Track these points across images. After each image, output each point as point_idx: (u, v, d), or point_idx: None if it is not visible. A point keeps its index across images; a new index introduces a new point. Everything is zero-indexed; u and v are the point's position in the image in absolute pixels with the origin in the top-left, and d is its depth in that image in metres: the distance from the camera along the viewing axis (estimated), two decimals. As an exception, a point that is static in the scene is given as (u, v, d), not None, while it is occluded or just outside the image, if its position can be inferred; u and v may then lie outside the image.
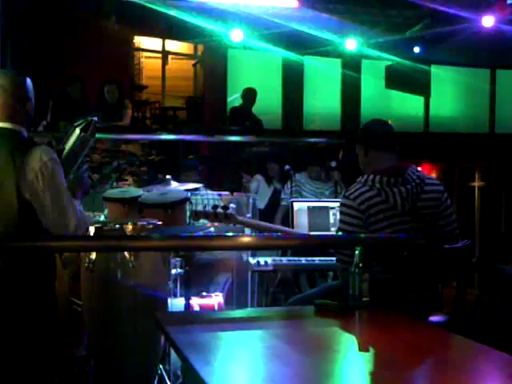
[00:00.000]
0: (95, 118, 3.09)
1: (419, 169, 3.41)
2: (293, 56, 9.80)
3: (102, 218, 4.34)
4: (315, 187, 5.80)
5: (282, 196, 6.05)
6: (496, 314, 4.14)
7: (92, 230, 3.37)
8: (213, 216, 3.71)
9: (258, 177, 6.65)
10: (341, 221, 3.29)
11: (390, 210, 3.19)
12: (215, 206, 3.67)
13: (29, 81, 2.94)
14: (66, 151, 3.03)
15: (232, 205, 4.75)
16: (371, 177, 3.24)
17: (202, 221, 5.10)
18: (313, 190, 5.77)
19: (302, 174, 5.89)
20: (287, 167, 6.03)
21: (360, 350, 2.31)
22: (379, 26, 8.80)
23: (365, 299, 2.66)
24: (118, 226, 3.43)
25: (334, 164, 5.64)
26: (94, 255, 3.33)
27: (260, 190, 6.41)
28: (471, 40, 8.95)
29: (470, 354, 2.21)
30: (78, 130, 3.04)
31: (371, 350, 2.24)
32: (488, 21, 8.05)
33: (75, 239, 2.90)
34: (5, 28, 6.55)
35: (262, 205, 6.18)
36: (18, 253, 2.79)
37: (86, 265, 3.33)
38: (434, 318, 3.20)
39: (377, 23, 8.81)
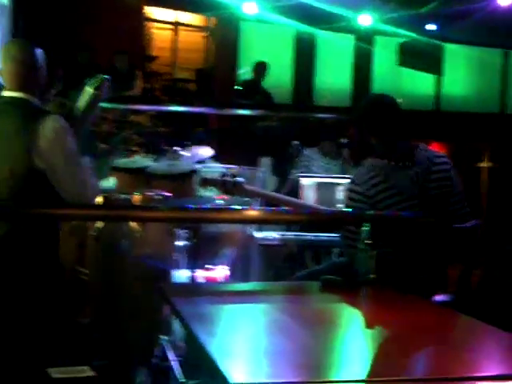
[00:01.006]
0: (107, 76, 3.08)
1: (426, 146, 3.34)
2: (305, 30, 9.71)
3: (110, 186, 4.33)
4: (325, 163, 5.75)
5: (291, 170, 6.01)
6: (502, 295, 4.14)
7: (100, 199, 3.37)
8: (221, 184, 3.70)
9: (266, 160, 6.50)
10: (347, 206, 3.27)
11: (398, 195, 3.14)
12: (223, 175, 3.65)
13: (39, 50, 2.93)
14: (78, 110, 3.04)
15: (240, 178, 4.74)
16: (378, 161, 3.19)
17: (209, 193, 5.11)
18: (322, 166, 5.72)
19: (312, 150, 5.84)
20: (295, 142, 5.99)
21: (365, 326, 2.31)
22: (394, 1, 8.69)
23: (371, 276, 2.65)
24: (125, 195, 3.43)
25: (344, 141, 5.59)
26: (100, 224, 3.33)
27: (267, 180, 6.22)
28: (486, 19, 8.85)
29: (474, 333, 2.21)
30: (90, 89, 3.04)
31: (376, 326, 2.23)
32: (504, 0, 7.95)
33: (82, 208, 2.90)
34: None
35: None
36: (25, 219, 2.79)
37: (93, 234, 3.34)
38: (438, 297, 3.19)
39: (391, -2, 8.71)
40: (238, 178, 3.67)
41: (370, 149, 3.34)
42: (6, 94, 2.88)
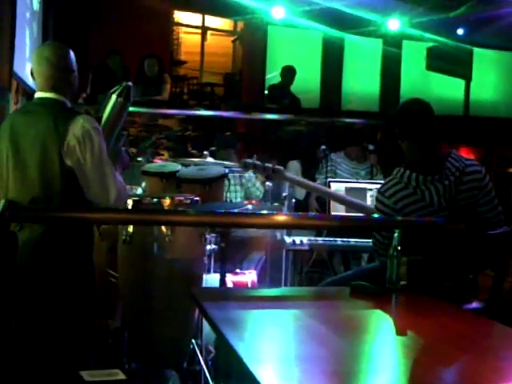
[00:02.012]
0: (130, 83, 3.11)
1: (458, 154, 3.29)
2: (333, 34, 9.69)
3: (140, 191, 4.37)
4: (351, 167, 5.73)
5: (316, 175, 6.00)
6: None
7: (130, 203, 3.40)
8: (262, 168, 3.82)
9: (295, 163, 6.47)
10: None
11: (427, 207, 3.11)
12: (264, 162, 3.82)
13: (72, 53, 2.99)
14: (104, 118, 3.08)
15: (268, 183, 4.75)
16: (407, 173, 3.14)
17: (239, 194, 5.12)
18: (348, 170, 5.70)
19: (338, 154, 5.83)
20: (322, 147, 5.98)
21: (396, 333, 2.29)
22: (423, 5, 8.64)
23: (402, 283, 2.64)
24: (155, 199, 3.45)
25: (371, 147, 5.56)
26: (131, 228, 3.35)
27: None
28: (516, 23, 8.76)
29: (507, 341, 2.18)
30: (114, 96, 3.07)
31: (408, 333, 2.23)
32: (535, 4, 7.87)
33: (113, 211, 2.93)
34: (46, 1, 6.58)
35: (301, 196, 6.03)
36: (58, 223, 2.83)
37: (124, 237, 3.36)
38: (469, 305, 3.16)
39: (420, 3, 8.65)
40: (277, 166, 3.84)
41: (401, 156, 3.32)
42: (39, 94, 2.95)
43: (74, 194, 2.84)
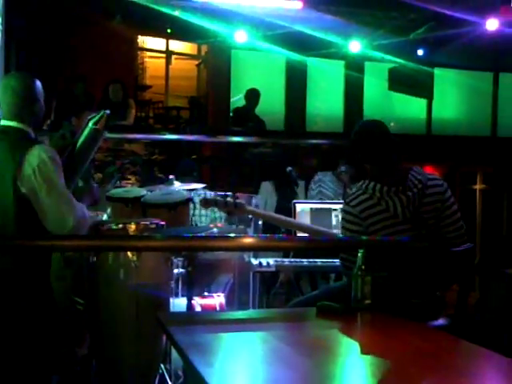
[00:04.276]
0: (107, 112, 3.14)
1: (419, 169, 3.34)
2: (296, 57, 9.80)
3: (105, 217, 4.34)
4: (338, 187, 5.69)
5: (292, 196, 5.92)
6: (498, 317, 4.14)
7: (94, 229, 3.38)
8: (223, 204, 3.76)
9: (267, 184, 6.46)
10: (342, 227, 3.30)
11: (391, 218, 3.17)
12: (225, 195, 3.71)
13: (38, 83, 3.04)
14: (78, 144, 3.10)
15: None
16: (371, 185, 3.21)
17: (204, 218, 5.11)
18: (336, 190, 5.69)
19: (325, 173, 5.80)
20: (289, 168, 6.00)
21: (363, 352, 2.31)
22: (383, 28, 8.80)
23: (367, 302, 2.66)
24: (121, 225, 3.44)
25: (343, 168, 5.58)
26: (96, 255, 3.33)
27: (269, 201, 6.22)
28: (475, 43, 8.96)
29: (472, 358, 2.21)
30: (90, 124, 3.10)
31: (374, 353, 2.24)
32: (492, 24, 8.06)
33: (78, 238, 2.92)
34: (8, 28, 6.55)
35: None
36: (19, 252, 2.82)
37: (89, 264, 3.34)
38: (434, 322, 3.20)
39: (380, 25, 8.81)
40: (239, 199, 3.75)
41: (366, 173, 3.36)
42: (2, 122, 3.01)
43: (29, 222, 2.87)
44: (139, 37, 10.53)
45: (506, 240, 7.07)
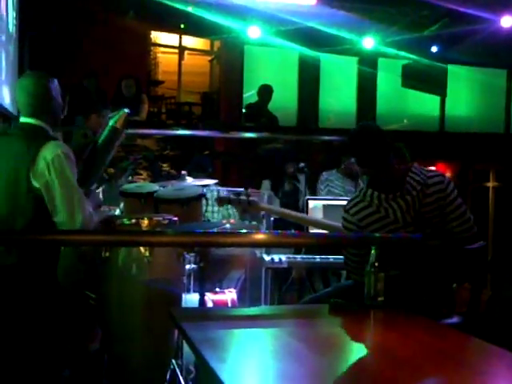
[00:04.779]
0: (126, 110, 3.17)
1: (419, 167, 3.28)
2: (309, 53, 9.78)
3: (118, 212, 4.36)
4: (346, 184, 5.69)
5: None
6: (510, 315, 4.13)
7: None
8: (237, 202, 3.83)
9: (266, 183, 6.48)
10: None
11: (392, 224, 3.15)
12: (238, 194, 3.76)
13: (54, 81, 3.11)
14: (99, 142, 3.15)
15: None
16: (369, 192, 3.19)
17: (216, 215, 5.12)
18: (343, 188, 5.68)
19: (331, 172, 5.80)
20: (302, 164, 5.99)
21: (374, 350, 2.31)
22: (397, 24, 8.77)
23: (379, 299, 2.66)
24: (133, 220, 3.45)
25: (353, 160, 5.54)
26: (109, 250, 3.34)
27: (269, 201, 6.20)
28: (489, 40, 8.90)
29: (485, 356, 2.21)
30: (110, 122, 3.14)
31: (386, 350, 2.24)
32: (506, 21, 8.01)
33: (91, 233, 2.94)
34: (21, 24, 6.57)
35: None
36: (31, 245, 2.86)
37: (102, 259, 3.35)
38: (447, 319, 3.19)
39: (394, 21, 8.78)
40: (252, 197, 3.83)
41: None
42: (21, 119, 3.09)
43: (40, 216, 2.91)
44: (152, 32, 10.53)
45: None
